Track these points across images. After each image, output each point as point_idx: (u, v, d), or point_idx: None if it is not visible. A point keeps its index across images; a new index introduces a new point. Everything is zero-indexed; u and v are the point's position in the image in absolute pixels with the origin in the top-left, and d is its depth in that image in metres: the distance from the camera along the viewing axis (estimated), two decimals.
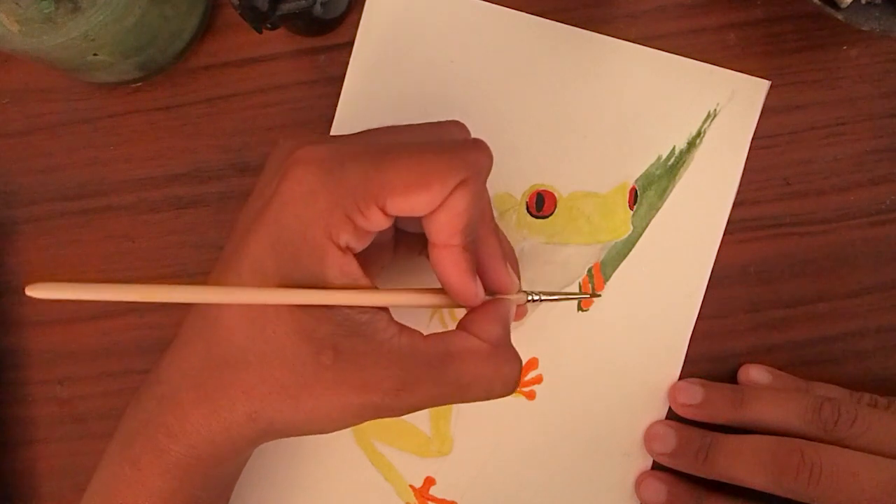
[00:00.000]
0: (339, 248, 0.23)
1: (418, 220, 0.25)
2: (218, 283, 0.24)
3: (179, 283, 0.22)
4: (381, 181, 0.23)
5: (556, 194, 0.34)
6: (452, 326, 0.34)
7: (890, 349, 0.34)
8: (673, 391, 0.33)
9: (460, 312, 0.28)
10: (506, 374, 0.25)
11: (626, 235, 0.34)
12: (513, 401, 0.34)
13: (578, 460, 0.34)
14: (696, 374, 0.34)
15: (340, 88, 0.35)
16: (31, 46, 0.29)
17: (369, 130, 0.27)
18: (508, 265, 0.28)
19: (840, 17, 0.29)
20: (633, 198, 0.34)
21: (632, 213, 0.34)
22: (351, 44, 0.35)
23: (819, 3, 0.29)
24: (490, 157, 0.25)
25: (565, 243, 0.34)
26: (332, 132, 0.35)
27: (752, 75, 0.34)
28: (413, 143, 0.25)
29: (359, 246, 0.24)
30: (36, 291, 0.21)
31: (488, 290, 0.27)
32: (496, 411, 0.34)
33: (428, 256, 0.26)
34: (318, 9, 0.32)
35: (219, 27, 0.35)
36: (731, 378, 0.34)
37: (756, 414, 0.31)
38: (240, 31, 0.35)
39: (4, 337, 0.36)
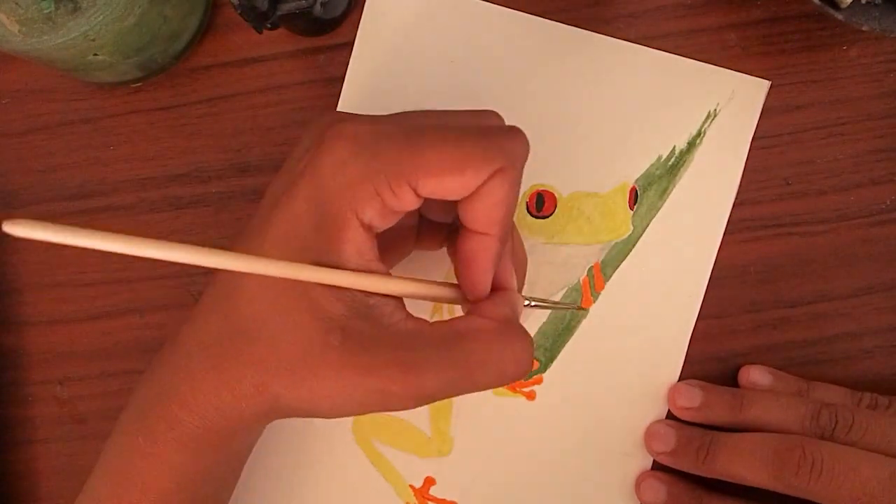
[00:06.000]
0: (362, 223, 0.23)
1: (444, 209, 0.25)
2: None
3: (182, 244, 0.21)
4: (416, 161, 0.23)
5: (556, 194, 0.34)
6: None
7: (890, 349, 0.34)
8: (672, 393, 0.33)
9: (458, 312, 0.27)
10: (517, 352, 0.24)
11: (626, 235, 0.34)
12: (513, 401, 0.34)
13: (578, 460, 0.34)
14: (696, 375, 0.34)
15: (340, 88, 0.35)
16: (31, 46, 0.29)
17: (406, 113, 0.26)
18: (513, 268, 0.27)
19: (840, 17, 0.29)
20: (634, 198, 0.34)
21: (632, 213, 0.34)
22: (351, 44, 0.35)
23: (819, 3, 0.29)
24: (527, 146, 0.25)
25: (565, 243, 0.34)
26: None
27: (752, 75, 0.34)
28: (451, 126, 0.24)
29: (382, 224, 0.24)
30: (16, 228, 0.19)
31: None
32: (496, 411, 0.34)
33: (449, 249, 0.25)
34: (318, 9, 0.32)
35: (219, 27, 0.35)
36: (732, 378, 0.34)
37: (755, 418, 0.31)
38: (240, 31, 0.35)
39: (4, 337, 0.36)
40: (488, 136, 0.24)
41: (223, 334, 0.24)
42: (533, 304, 0.29)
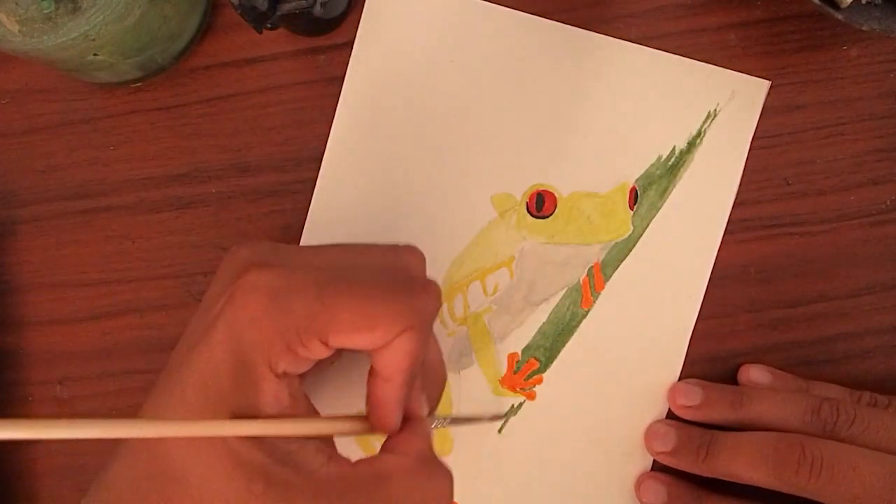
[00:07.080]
0: (276, 374, 0.23)
1: None
2: (166, 392, 0.24)
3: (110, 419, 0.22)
4: (326, 318, 0.23)
5: (556, 194, 0.34)
6: (453, 329, 0.34)
7: (890, 349, 0.34)
8: (672, 392, 0.33)
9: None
10: (438, 487, 0.25)
11: (626, 235, 0.34)
12: (513, 401, 0.34)
13: (578, 460, 0.34)
14: (696, 375, 0.34)
15: (340, 88, 0.35)
16: (31, 46, 0.29)
17: (322, 249, 0.26)
18: (424, 396, 0.27)
19: (840, 17, 0.29)
20: (634, 198, 0.34)
21: (632, 213, 0.34)
22: (351, 44, 0.35)
23: (819, 3, 0.29)
24: (438, 301, 0.25)
25: (565, 243, 0.34)
26: (332, 132, 0.35)
27: (752, 75, 0.34)
28: (363, 278, 0.25)
29: (298, 370, 0.24)
30: None
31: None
32: (496, 411, 0.34)
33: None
34: (318, 9, 0.32)
35: (219, 27, 0.35)
36: (731, 378, 0.34)
37: (755, 415, 0.31)
38: (240, 31, 0.35)
39: (4, 337, 0.36)
40: (400, 293, 0.24)
41: (151, 478, 0.23)
42: (442, 425, 0.30)
